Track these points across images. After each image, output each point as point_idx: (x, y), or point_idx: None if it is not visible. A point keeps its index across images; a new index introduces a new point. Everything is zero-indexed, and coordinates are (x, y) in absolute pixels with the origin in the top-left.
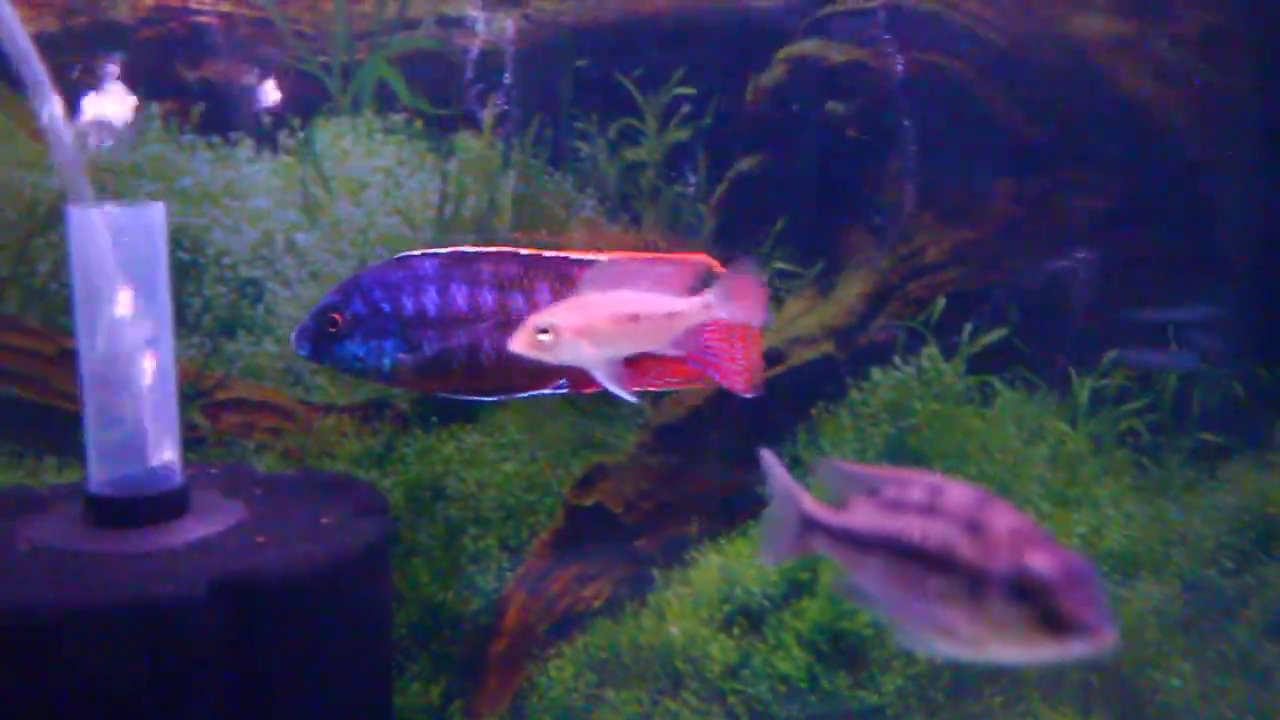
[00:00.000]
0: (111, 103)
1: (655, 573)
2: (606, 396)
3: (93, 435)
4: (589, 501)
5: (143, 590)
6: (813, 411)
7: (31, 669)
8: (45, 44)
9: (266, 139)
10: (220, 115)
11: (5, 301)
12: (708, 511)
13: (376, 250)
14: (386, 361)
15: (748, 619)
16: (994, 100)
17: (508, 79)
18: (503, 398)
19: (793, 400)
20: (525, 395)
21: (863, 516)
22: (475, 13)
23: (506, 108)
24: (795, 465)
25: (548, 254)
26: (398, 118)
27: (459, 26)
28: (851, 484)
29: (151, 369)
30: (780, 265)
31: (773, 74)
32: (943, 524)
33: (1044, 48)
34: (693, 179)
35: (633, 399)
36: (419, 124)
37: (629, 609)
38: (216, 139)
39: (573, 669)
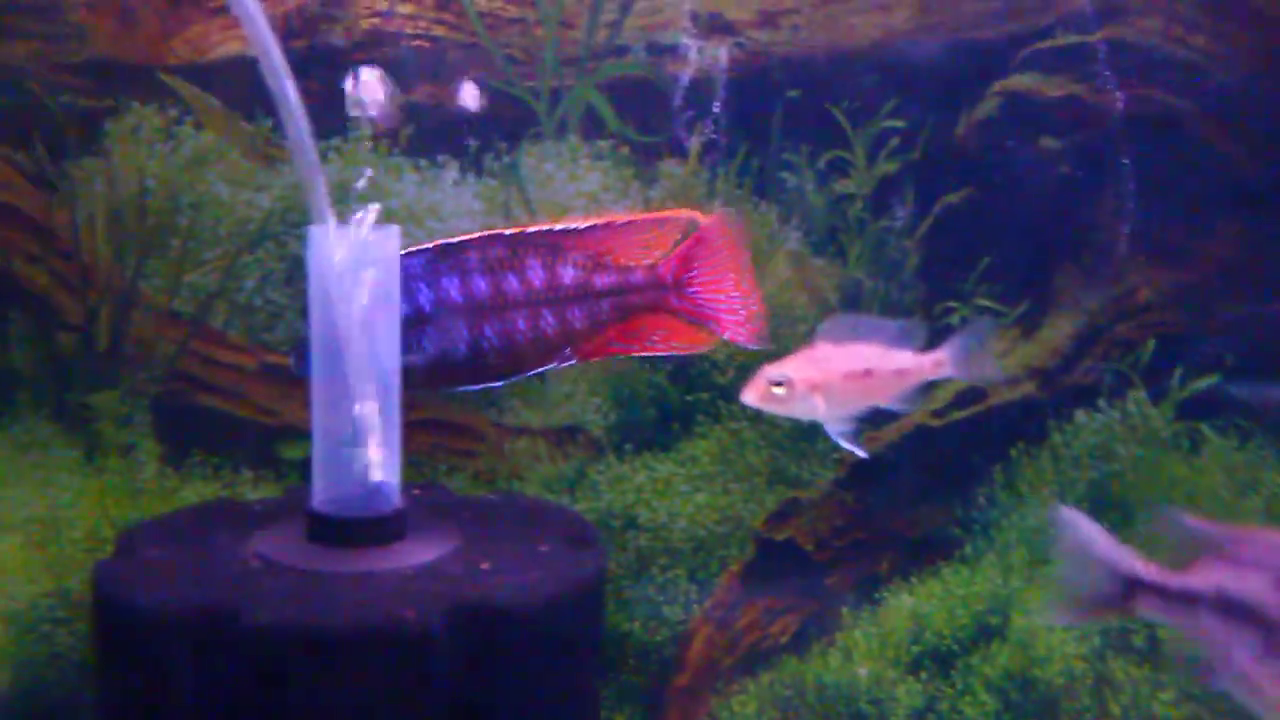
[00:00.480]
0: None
1: (844, 611)
2: (611, 364)
3: (318, 454)
4: (780, 536)
5: (385, 613)
6: (1012, 453)
7: (276, 687)
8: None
9: (472, 162)
10: (428, 138)
11: (212, 315)
12: (899, 551)
13: None
14: None
15: (936, 662)
16: (1216, 138)
17: (717, 107)
18: (513, 379)
19: (991, 440)
20: (535, 373)
21: (1215, 578)
22: (688, 41)
23: (714, 136)
24: (991, 506)
25: (532, 229)
26: (603, 144)
27: (670, 54)
28: (1196, 541)
29: (379, 391)
30: (983, 302)
31: (985, 108)
32: None
33: (1272, 85)
34: (900, 213)
35: (863, 454)
36: (624, 150)
37: (816, 647)
38: (424, 161)
39: (756, 705)
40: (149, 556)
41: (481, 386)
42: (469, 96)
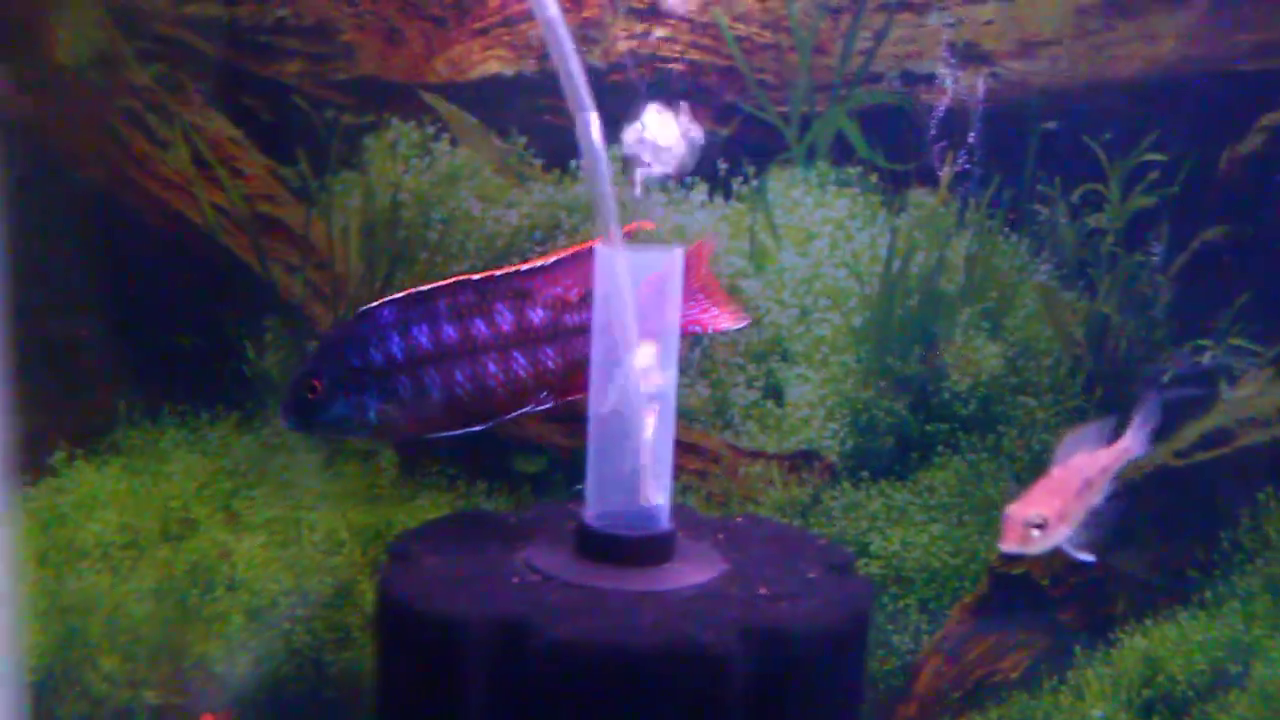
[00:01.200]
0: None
1: (1076, 649)
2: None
3: (593, 471)
4: (1015, 571)
5: (683, 634)
6: (1260, 496)
7: (572, 702)
8: (526, 86)
9: (720, 185)
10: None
11: None
12: (1135, 591)
13: (820, 302)
14: (371, 415)
15: (1169, 707)
16: None
17: (971, 137)
18: (490, 424)
19: (1238, 482)
20: (514, 415)
21: None
22: (944, 70)
23: (966, 166)
24: (1235, 551)
25: (499, 273)
26: (852, 170)
27: (924, 83)
28: None
29: (657, 412)
30: (1237, 342)
31: (1251, 142)
32: None
33: None
34: (1155, 248)
35: (1092, 559)
36: (873, 178)
37: (1047, 684)
38: (671, 184)
39: None
40: (429, 565)
41: (462, 432)
42: (720, 120)
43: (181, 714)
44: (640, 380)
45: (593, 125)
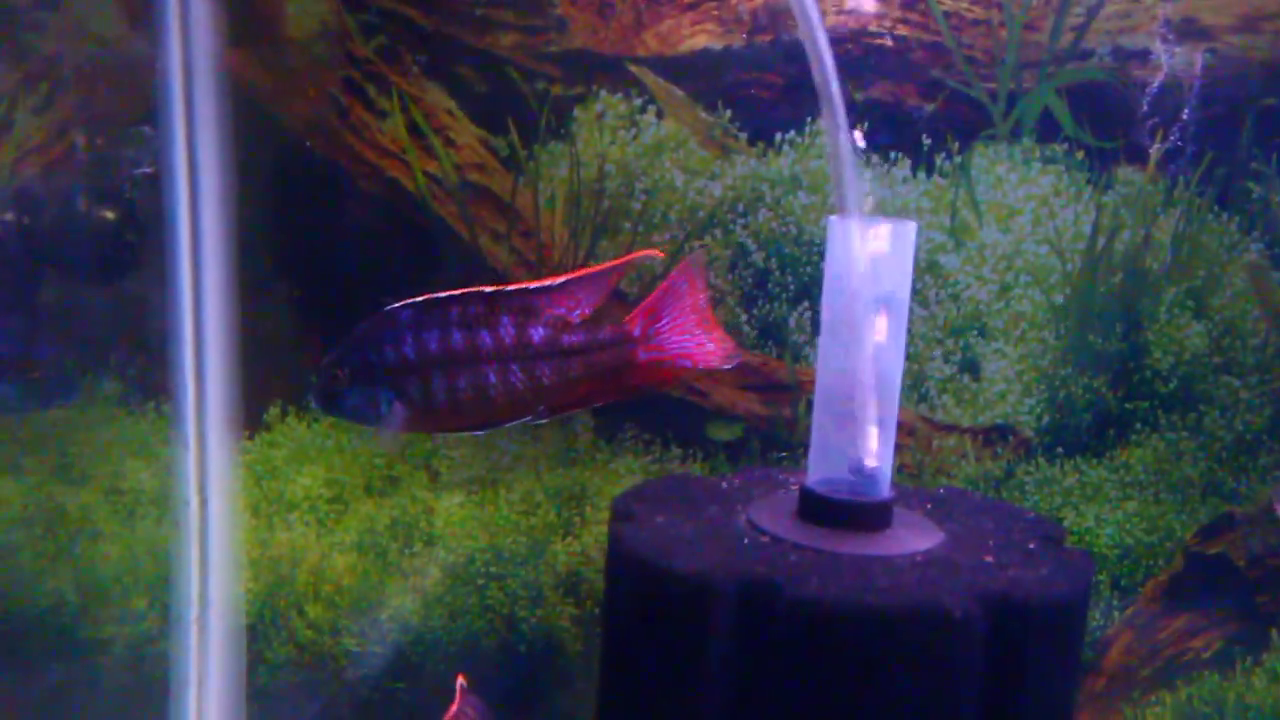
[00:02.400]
0: None
1: (1273, 633)
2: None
3: (818, 437)
4: (1212, 550)
5: (929, 597)
6: None
7: (819, 661)
8: (733, 59)
9: (924, 160)
10: (884, 134)
11: None
12: None
13: (1021, 278)
14: (382, 409)
15: None
16: None
17: (1185, 115)
18: (487, 429)
19: None
20: (510, 424)
21: None
22: (1160, 46)
23: (1178, 144)
24: None
25: (510, 288)
26: (1058, 147)
27: (1136, 59)
28: None
29: (880, 382)
30: None
31: None
32: None
33: None
34: None
35: None
36: (1080, 155)
37: (1240, 666)
38: (876, 158)
39: (1172, 718)
40: (658, 523)
41: (468, 432)
42: (928, 95)
43: (378, 661)
44: (869, 347)
45: (839, 107)
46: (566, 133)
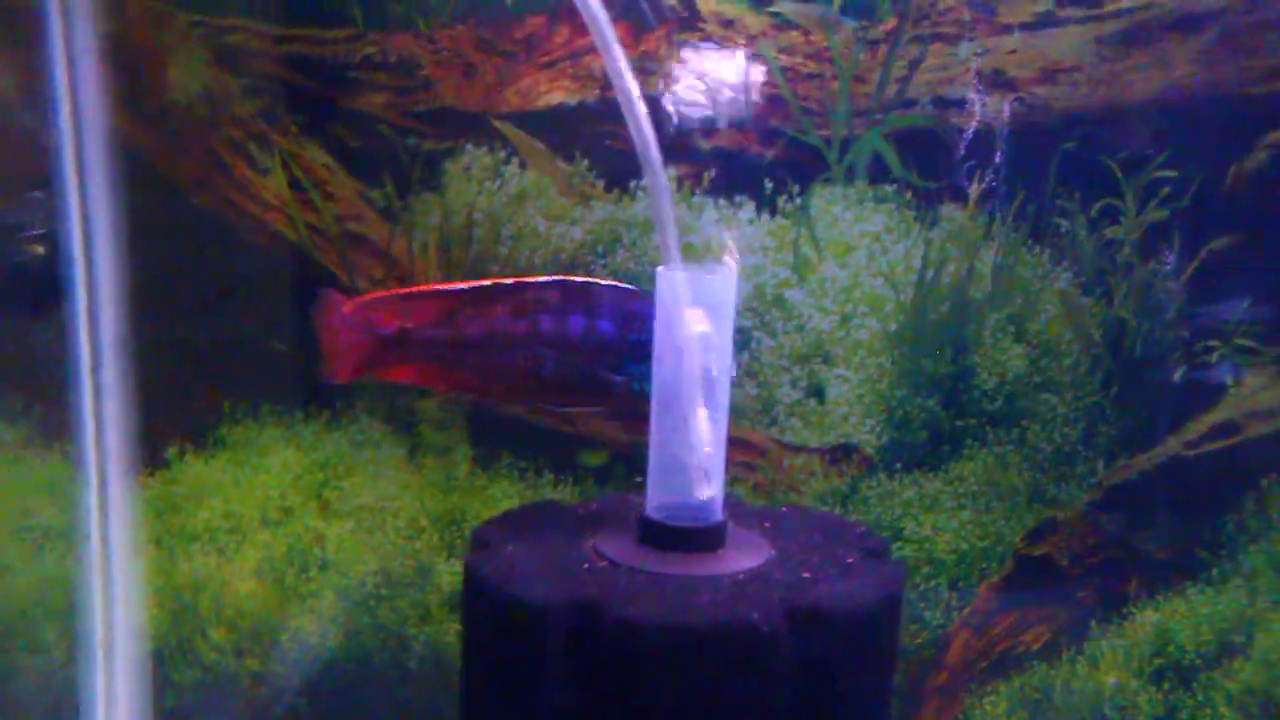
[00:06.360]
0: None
1: (1092, 624)
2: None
3: (654, 468)
4: (1038, 552)
5: (733, 613)
6: (1263, 482)
7: (636, 677)
8: (588, 113)
9: (767, 202)
10: (729, 180)
11: None
12: (1148, 570)
13: (859, 309)
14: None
15: (1178, 675)
16: None
17: (997, 157)
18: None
19: (1243, 471)
20: (570, 410)
21: None
22: (973, 95)
23: (993, 184)
24: (1240, 532)
25: (578, 279)
26: (889, 188)
27: (954, 107)
28: None
29: (710, 414)
30: (1242, 342)
31: (1255, 159)
32: None
33: None
34: (1168, 257)
35: None
36: (908, 195)
37: (1065, 655)
38: (723, 201)
39: (1006, 705)
40: (509, 552)
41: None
42: (767, 143)
43: (279, 680)
44: (695, 384)
45: (659, 171)
46: (437, 184)
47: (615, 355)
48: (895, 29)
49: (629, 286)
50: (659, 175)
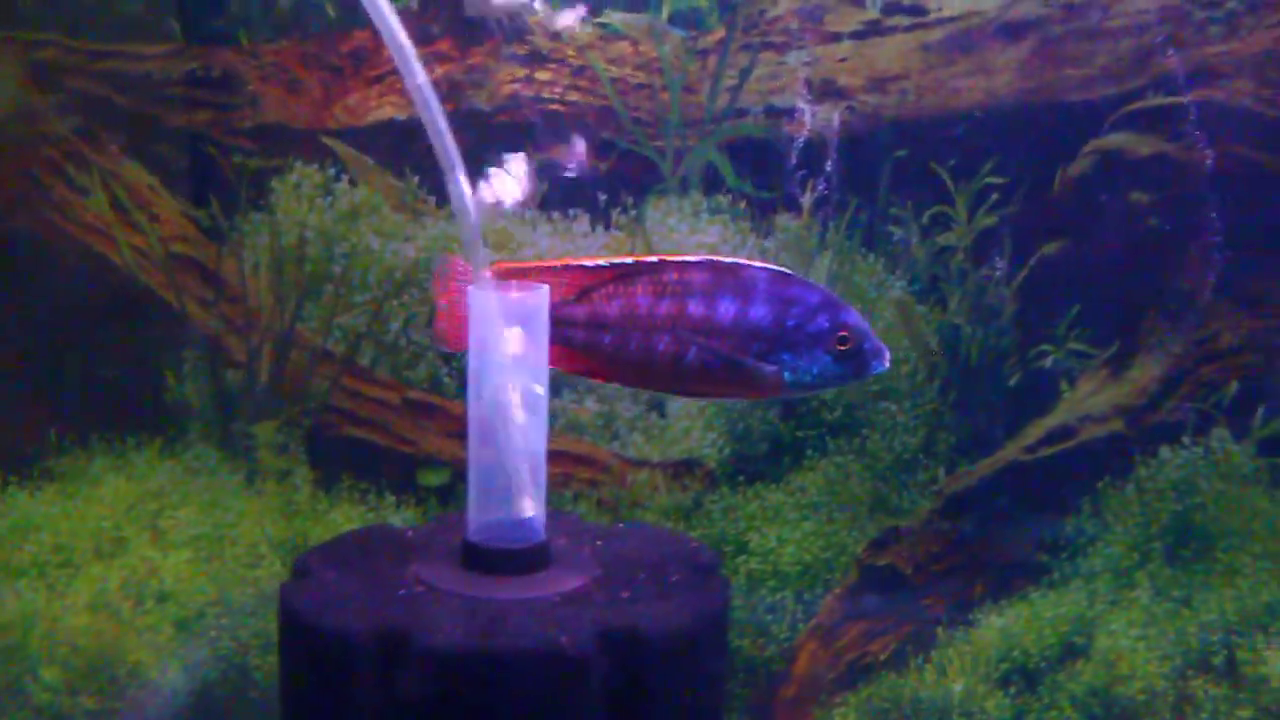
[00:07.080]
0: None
1: (939, 631)
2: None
3: (473, 491)
4: (881, 561)
5: (549, 637)
6: (1099, 486)
7: (446, 704)
8: (418, 128)
9: (601, 215)
10: (561, 194)
11: (361, 355)
12: (991, 575)
13: None
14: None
15: (1024, 678)
16: None
17: (829, 166)
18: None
19: (1079, 474)
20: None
21: None
22: (803, 105)
23: (826, 192)
24: (1078, 535)
25: (726, 260)
26: (723, 199)
27: (785, 116)
28: None
29: (526, 436)
30: (1075, 346)
31: (1080, 165)
32: None
33: None
34: (999, 263)
35: None
36: (742, 205)
37: (912, 663)
38: (556, 215)
39: (856, 716)
40: (327, 580)
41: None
42: (599, 155)
43: (116, 717)
44: (511, 406)
45: (463, 182)
46: (266, 203)
47: (768, 343)
48: (724, 39)
49: (783, 269)
50: (457, 170)
